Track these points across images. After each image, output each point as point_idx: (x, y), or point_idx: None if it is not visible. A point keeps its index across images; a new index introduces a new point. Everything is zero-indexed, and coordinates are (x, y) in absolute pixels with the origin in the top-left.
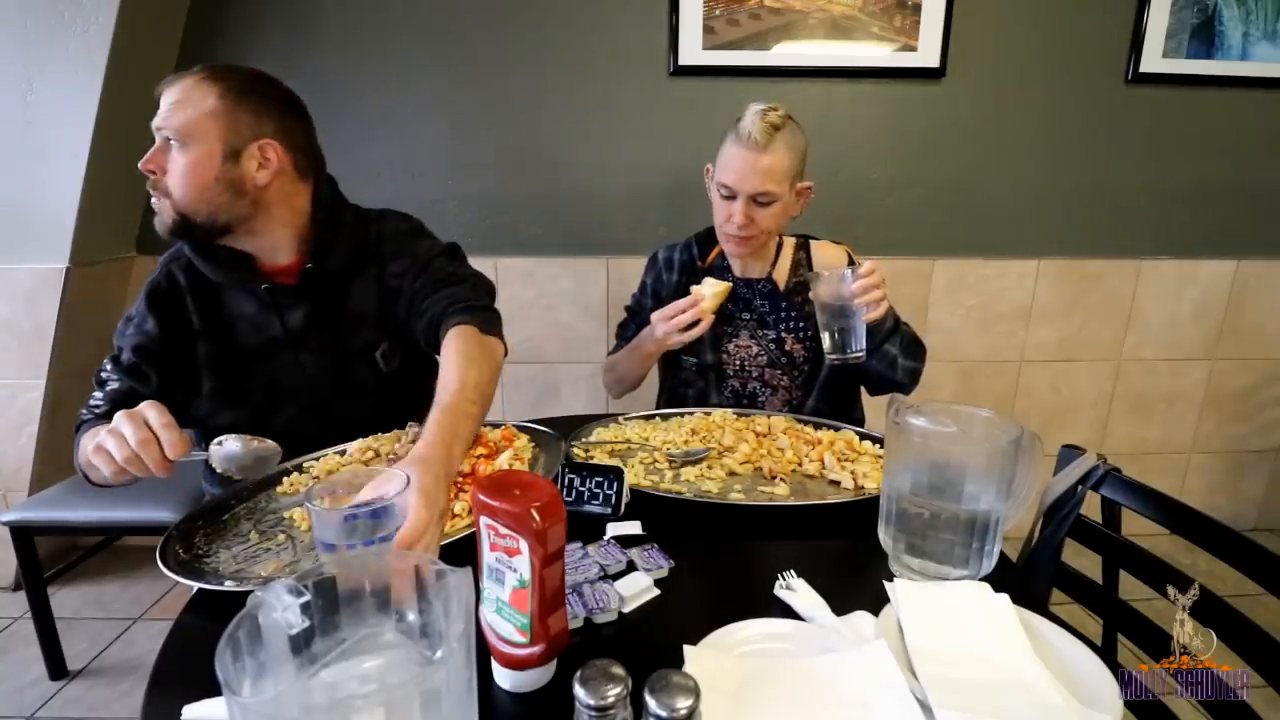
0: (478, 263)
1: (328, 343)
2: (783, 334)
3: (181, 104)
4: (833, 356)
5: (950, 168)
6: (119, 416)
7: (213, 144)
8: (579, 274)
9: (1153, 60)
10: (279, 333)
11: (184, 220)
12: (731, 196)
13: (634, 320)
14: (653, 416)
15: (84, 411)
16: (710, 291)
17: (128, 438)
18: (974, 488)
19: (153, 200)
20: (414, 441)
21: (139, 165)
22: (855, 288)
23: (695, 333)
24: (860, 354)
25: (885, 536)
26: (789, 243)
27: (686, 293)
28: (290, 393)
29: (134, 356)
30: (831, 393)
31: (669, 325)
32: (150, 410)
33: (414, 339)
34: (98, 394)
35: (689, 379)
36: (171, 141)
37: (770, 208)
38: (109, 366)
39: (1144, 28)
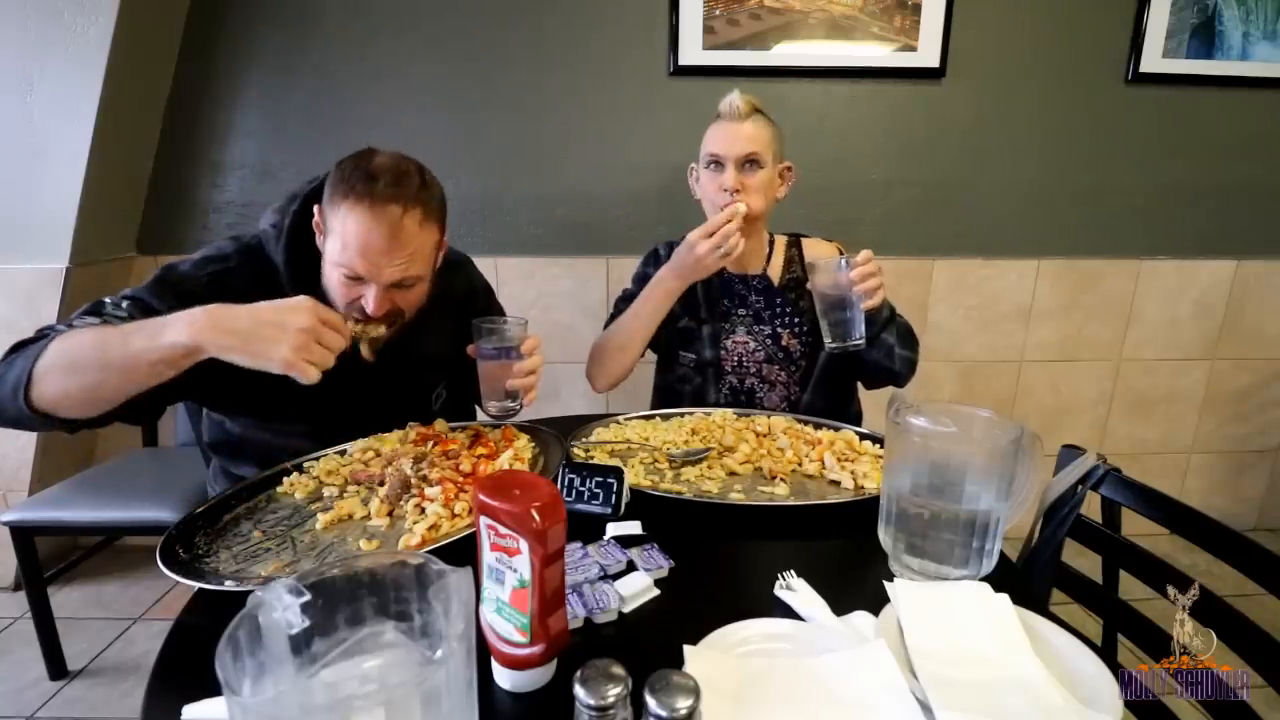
0: (478, 263)
1: (398, 380)
2: (779, 329)
3: (415, 255)
4: (833, 345)
5: (950, 168)
6: (305, 325)
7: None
8: (579, 274)
9: (1153, 60)
10: (359, 367)
11: (397, 330)
12: (719, 165)
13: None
14: (653, 416)
15: (57, 327)
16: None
17: (332, 346)
18: (974, 488)
19: (360, 330)
20: (414, 442)
21: (369, 311)
22: (854, 275)
23: (735, 253)
24: (860, 342)
25: (885, 536)
26: (780, 240)
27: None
28: (346, 422)
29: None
30: (828, 387)
31: (711, 243)
32: (323, 310)
33: (468, 381)
34: (90, 319)
35: (686, 375)
36: (405, 283)
37: (758, 175)
38: (123, 304)
39: (1144, 28)
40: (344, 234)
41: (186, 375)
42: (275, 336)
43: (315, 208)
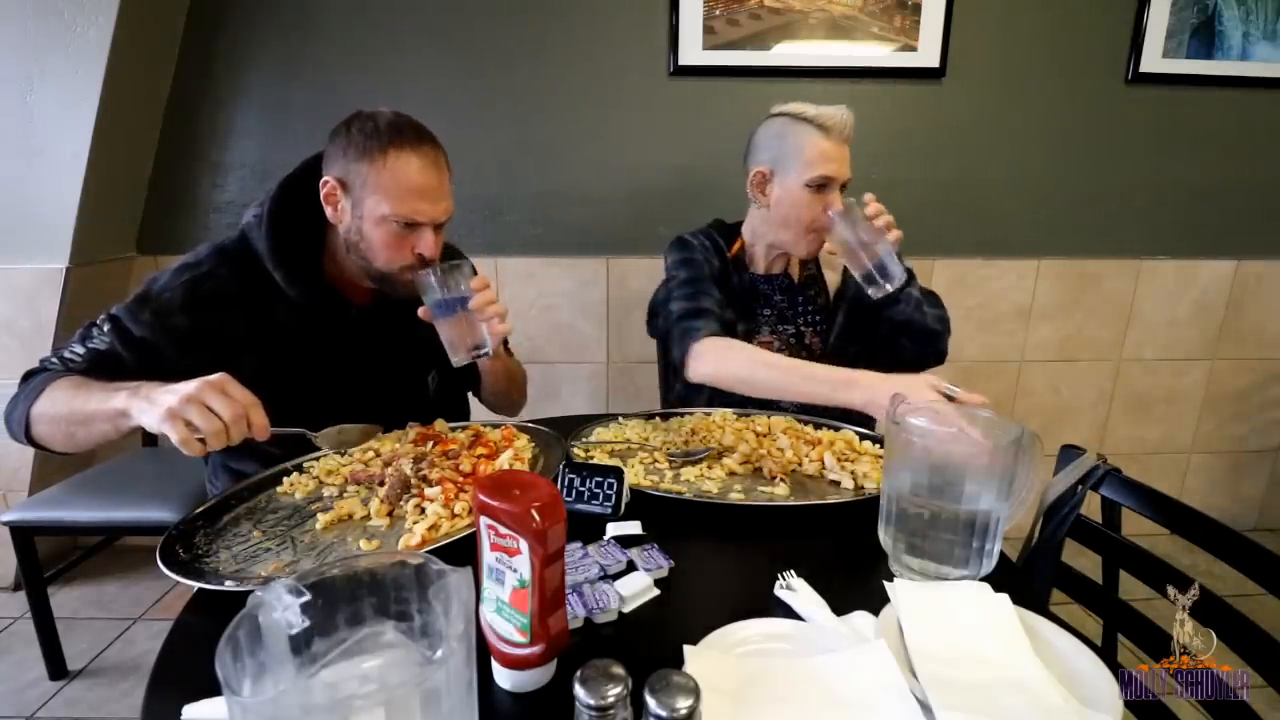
0: (478, 262)
1: (391, 362)
2: (802, 328)
3: (451, 193)
4: (873, 290)
5: (950, 168)
6: (197, 384)
7: None
8: (579, 274)
9: (1153, 60)
10: (352, 352)
11: None
12: (824, 188)
13: (706, 285)
14: (653, 416)
15: (51, 360)
16: None
17: (219, 411)
18: (974, 488)
19: (410, 276)
20: (414, 442)
21: (427, 255)
22: (870, 211)
23: None
24: (902, 278)
25: (885, 536)
26: None
27: (725, 275)
28: (340, 408)
29: (142, 348)
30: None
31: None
32: (232, 384)
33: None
34: (77, 348)
35: None
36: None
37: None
38: (106, 328)
39: (1144, 28)
40: (396, 184)
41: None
42: (165, 400)
43: (325, 180)
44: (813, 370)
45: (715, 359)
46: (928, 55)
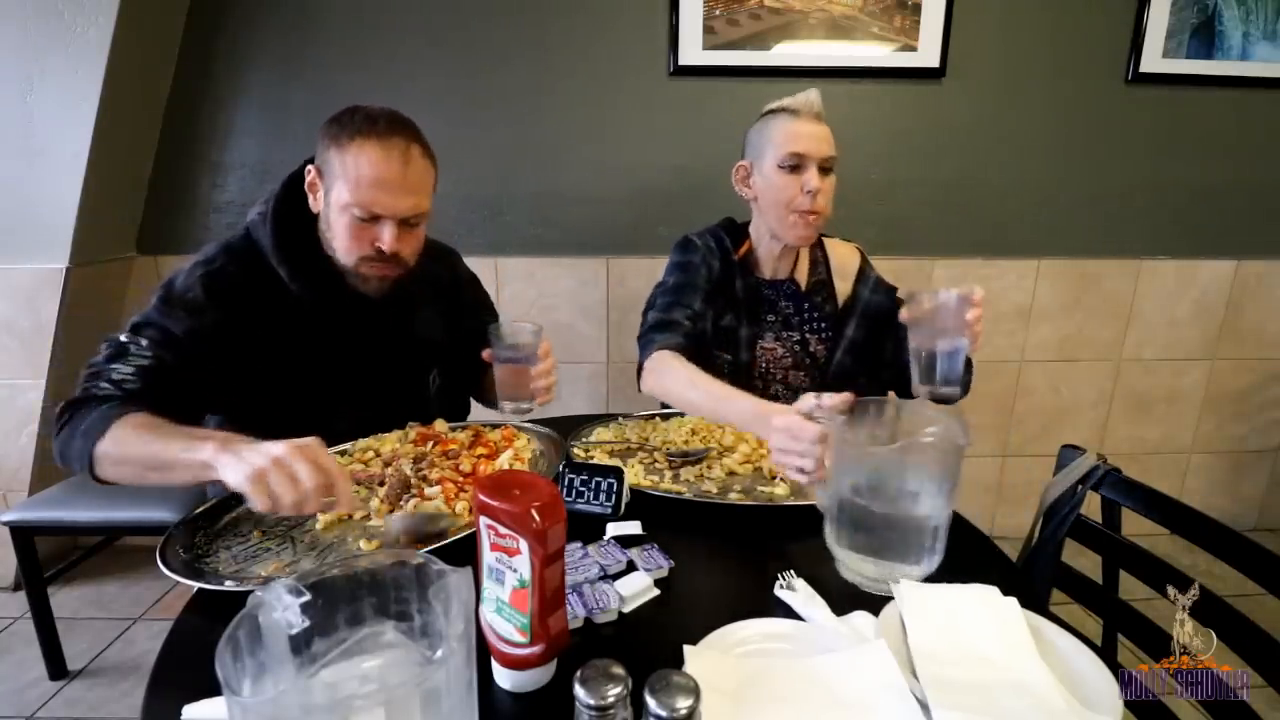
0: (478, 262)
1: (394, 359)
2: (807, 335)
3: (423, 190)
4: (926, 388)
5: (950, 168)
6: (286, 447)
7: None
8: (579, 274)
9: (1153, 60)
10: (356, 347)
11: (404, 274)
12: (798, 167)
13: (688, 295)
14: (653, 416)
15: (104, 385)
16: None
17: (302, 479)
18: (915, 487)
19: (367, 270)
20: (414, 442)
21: (386, 250)
22: (971, 316)
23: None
24: (955, 387)
25: (830, 537)
26: None
27: (728, 278)
28: (343, 404)
29: (188, 342)
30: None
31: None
32: (322, 452)
33: (461, 367)
34: (122, 368)
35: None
36: (411, 221)
37: (830, 178)
38: (143, 342)
39: (1144, 28)
40: (357, 173)
41: (201, 393)
42: (254, 460)
43: (308, 169)
44: (737, 400)
45: (657, 376)
46: (928, 55)
